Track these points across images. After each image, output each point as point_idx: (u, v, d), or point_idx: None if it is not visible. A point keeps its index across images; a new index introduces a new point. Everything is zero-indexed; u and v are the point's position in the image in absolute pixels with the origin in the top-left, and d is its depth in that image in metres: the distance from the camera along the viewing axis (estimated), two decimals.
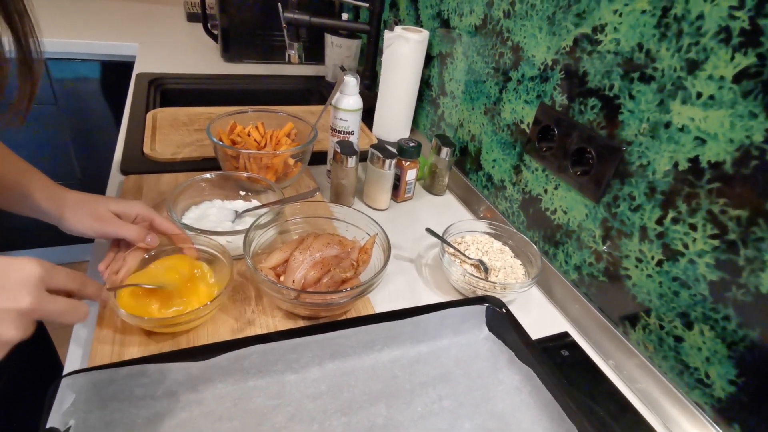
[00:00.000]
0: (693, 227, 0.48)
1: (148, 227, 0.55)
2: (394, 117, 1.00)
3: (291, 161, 0.75)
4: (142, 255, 0.54)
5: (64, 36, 1.31)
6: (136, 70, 1.19)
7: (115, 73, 1.39)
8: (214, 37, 1.40)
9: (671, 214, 0.50)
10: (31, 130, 1.40)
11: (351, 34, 1.24)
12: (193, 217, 0.64)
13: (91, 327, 0.50)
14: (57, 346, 0.80)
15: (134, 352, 0.47)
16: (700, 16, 0.45)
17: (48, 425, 0.36)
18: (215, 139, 0.71)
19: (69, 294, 0.39)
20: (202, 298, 0.51)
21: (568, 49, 0.61)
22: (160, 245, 0.55)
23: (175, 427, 0.41)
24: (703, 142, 0.46)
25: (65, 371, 0.43)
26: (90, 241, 0.54)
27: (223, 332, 0.51)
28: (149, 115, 0.94)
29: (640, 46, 0.51)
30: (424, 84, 1.01)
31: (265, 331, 0.52)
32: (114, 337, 0.48)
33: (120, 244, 0.55)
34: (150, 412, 0.41)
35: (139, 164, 0.79)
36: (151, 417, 0.41)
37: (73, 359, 0.48)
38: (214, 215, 0.65)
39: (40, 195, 0.51)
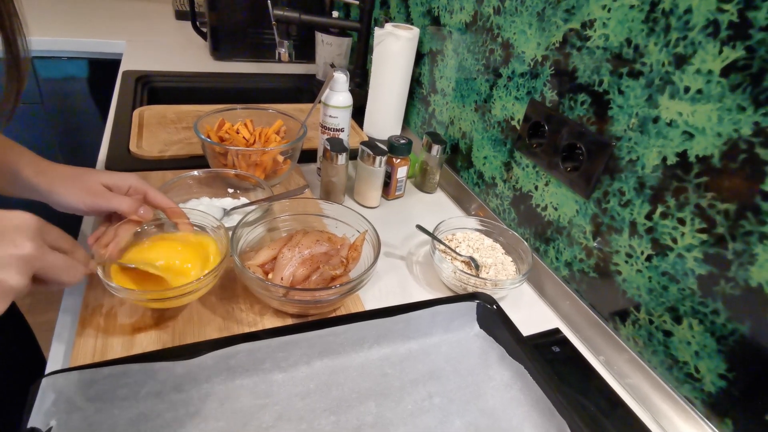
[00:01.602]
0: (681, 221, 0.48)
1: (141, 200, 0.53)
2: (385, 114, 0.99)
3: (280, 158, 0.75)
4: (135, 228, 0.52)
5: (51, 34, 1.29)
6: (122, 68, 1.18)
7: (103, 71, 1.37)
8: (203, 35, 1.38)
9: (660, 209, 0.50)
10: (16, 129, 1.37)
11: (341, 32, 1.23)
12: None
13: (73, 326, 0.49)
14: (43, 347, 0.79)
15: (117, 351, 0.46)
16: (688, 10, 0.45)
17: (29, 425, 0.35)
18: (203, 136, 0.70)
19: None
20: (197, 273, 0.50)
21: (557, 45, 0.61)
22: (153, 220, 0.54)
23: (160, 427, 0.40)
24: (691, 136, 0.46)
25: (47, 371, 0.42)
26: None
27: (210, 331, 0.50)
28: (136, 112, 0.93)
29: (629, 41, 0.51)
30: (415, 81, 1.01)
31: (252, 329, 0.51)
32: (97, 336, 0.47)
33: (112, 219, 0.53)
34: (133, 412, 0.40)
35: (124, 162, 0.78)
36: (134, 418, 0.40)
37: (55, 359, 0.47)
38: None
39: (28, 171, 0.49)
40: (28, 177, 0.49)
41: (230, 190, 0.70)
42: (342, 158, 0.72)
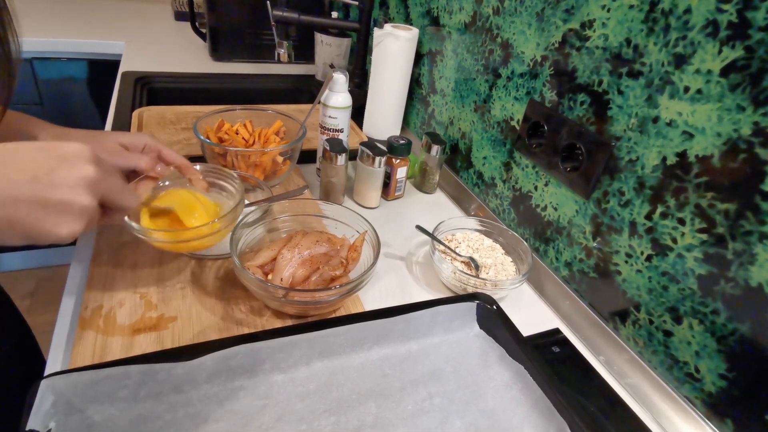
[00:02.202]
0: (681, 221, 0.48)
1: (156, 158, 0.54)
2: (384, 115, 0.99)
3: (280, 159, 0.75)
4: (153, 184, 0.53)
5: (50, 35, 1.29)
6: (122, 69, 1.18)
7: (102, 72, 1.36)
8: (203, 36, 1.38)
9: (660, 209, 0.50)
10: None
11: (341, 33, 1.23)
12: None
13: (72, 327, 0.49)
14: (42, 348, 0.78)
15: (117, 353, 0.46)
16: (688, 10, 0.45)
17: (28, 427, 0.35)
18: (202, 137, 0.70)
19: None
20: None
21: (557, 45, 0.61)
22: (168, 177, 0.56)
23: (159, 429, 0.40)
24: (691, 136, 0.46)
25: (46, 372, 0.42)
26: (73, 243, 0.53)
27: (210, 332, 0.50)
28: (135, 113, 0.93)
29: (628, 41, 0.51)
30: (414, 82, 1.01)
31: (252, 330, 0.51)
32: (96, 337, 0.47)
33: (129, 178, 0.53)
34: (133, 414, 0.40)
35: None
36: (134, 419, 0.40)
37: (54, 360, 0.46)
38: None
39: (45, 135, 0.50)
40: (46, 140, 0.48)
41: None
42: (341, 159, 0.72)
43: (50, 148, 0.32)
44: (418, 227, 0.68)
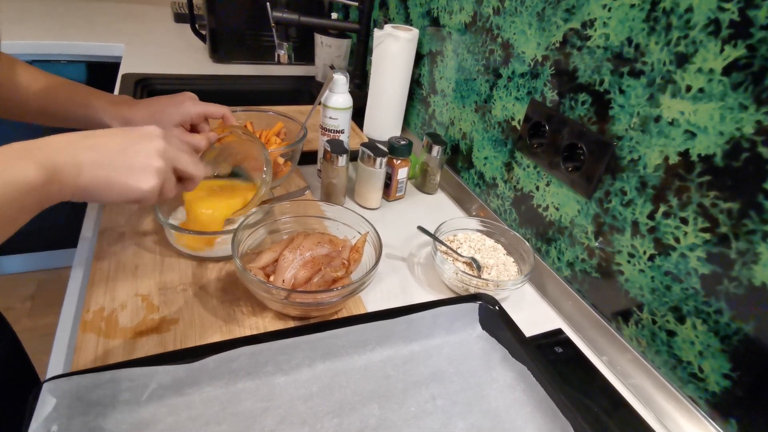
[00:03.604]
0: (684, 221, 0.48)
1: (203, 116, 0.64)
2: (385, 116, 0.99)
3: (281, 160, 0.74)
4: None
5: (50, 37, 1.29)
6: (122, 71, 1.18)
7: (102, 74, 1.36)
8: (202, 38, 1.38)
9: (662, 209, 0.50)
10: (15, 133, 1.37)
11: (341, 34, 1.23)
12: (180, 217, 0.63)
13: (74, 330, 0.49)
14: (34, 356, 0.77)
15: (119, 355, 0.46)
16: (689, 9, 0.45)
17: (30, 431, 0.35)
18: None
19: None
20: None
21: (557, 44, 0.61)
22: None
23: None
24: (693, 135, 0.46)
25: (48, 375, 0.42)
26: (74, 245, 0.53)
27: (212, 334, 0.50)
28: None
29: (630, 41, 0.51)
30: (415, 83, 1.01)
31: (254, 332, 0.51)
32: (98, 340, 0.47)
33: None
34: (135, 417, 0.40)
35: None
36: (136, 422, 0.40)
37: (55, 363, 0.46)
38: None
39: (110, 111, 0.61)
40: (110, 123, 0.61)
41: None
42: (342, 160, 0.72)
43: (133, 130, 0.42)
44: (420, 228, 0.68)
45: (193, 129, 0.65)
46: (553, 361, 0.56)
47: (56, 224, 1.65)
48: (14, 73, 0.57)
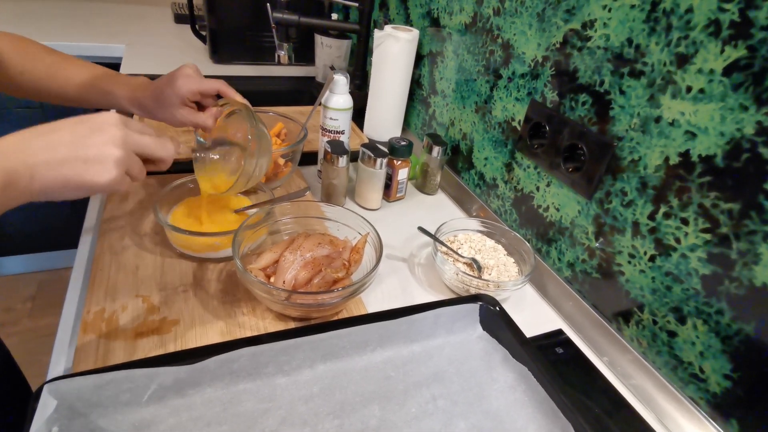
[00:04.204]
0: (685, 221, 0.48)
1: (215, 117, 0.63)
2: (385, 116, 0.99)
3: (281, 161, 0.75)
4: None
5: (49, 39, 1.29)
6: (122, 72, 1.18)
7: None
8: (203, 39, 1.38)
9: (663, 209, 0.50)
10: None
11: (341, 34, 1.23)
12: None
13: (75, 331, 0.49)
14: (34, 356, 0.77)
15: (120, 356, 0.46)
16: (689, 10, 0.45)
17: None
18: (201, 140, 0.70)
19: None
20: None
21: (558, 45, 0.61)
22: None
23: None
24: (694, 136, 0.46)
25: (48, 377, 0.42)
26: (74, 246, 0.53)
27: (212, 335, 0.50)
28: (136, 117, 0.93)
29: (630, 41, 0.51)
30: (415, 83, 1.01)
31: (255, 333, 0.51)
32: (99, 341, 0.47)
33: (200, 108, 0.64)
34: (136, 418, 0.40)
35: None
36: (137, 423, 0.40)
37: (56, 365, 0.46)
38: None
39: (123, 91, 0.61)
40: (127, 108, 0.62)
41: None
42: (343, 160, 0.72)
43: (85, 120, 0.39)
44: (420, 229, 0.68)
45: (201, 105, 0.64)
46: (553, 362, 0.56)
47: (57, 225, 1.65)
48: (61, 68, 0.61)
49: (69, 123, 0.39)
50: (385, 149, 0.75)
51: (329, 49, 1.24)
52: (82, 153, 0.38)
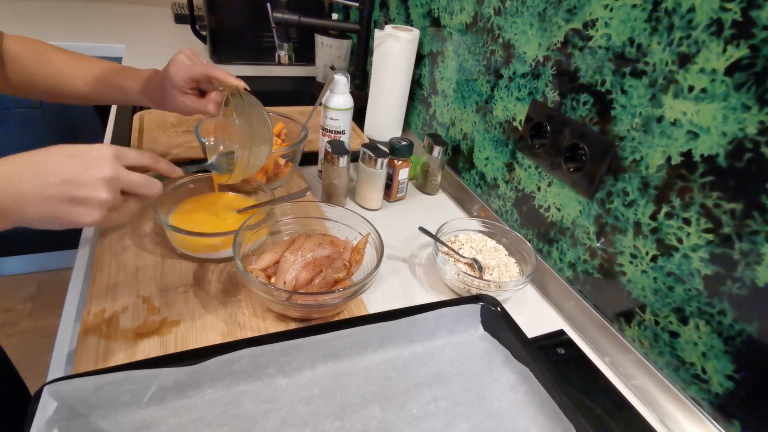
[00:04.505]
0: (687, 221, 0.48)
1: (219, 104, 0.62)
2: (386, 116, 0.99)
3: (281, 161, 0.74)
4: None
5: (49, 39, 1.28)
6: None
7: None
8: (203, 39, 1.38)
9: (665, 209, 0.50)
10: (15, 134, 1.37)
11: (341, 34, 1.23)
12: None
13: (75, 332, 0.49)
14: (34, 357, 0.77)
15: (120, 357, 0.46)
16: (691, 9, 0.45)
17: None
18: (203, 140, 0.70)
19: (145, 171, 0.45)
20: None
21: (559, 45, 0.61)
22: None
23: None
24: (696, 135, 0.46)
25: (49, 378, 0.42)
26: (74, 246, 0.53)
27: (213, 336, 0.50)
28: (136, 116, 0.93)
29: (632, 41, 0.51)
30: (415, 83, 1.01)
31: (255, 334, 0.51)
32: (99, 342, 0.47)
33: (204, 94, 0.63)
34: (136, 419, 0.40)
35: None
36: (137, 424, 0.40)
37: (56, 366, 0.46)
38: None
39: (133, 85, 0.63)
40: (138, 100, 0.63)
41: (231, 194, 0.70)
42: (343, 161, 0.72)
43: (78, 154, 0.39)
44: (421, 229, 0.68)
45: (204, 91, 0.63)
46: (555, 362, 0.56)
47: None
48: (73, 66, 0.63)
49: (63, 154, 0.39)
50: (386, 149, 0.75)
51: (329, 49, 1.24)
52: (71, 193, 0.38)
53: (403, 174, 0.80)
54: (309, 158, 0.88)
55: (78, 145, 0.40)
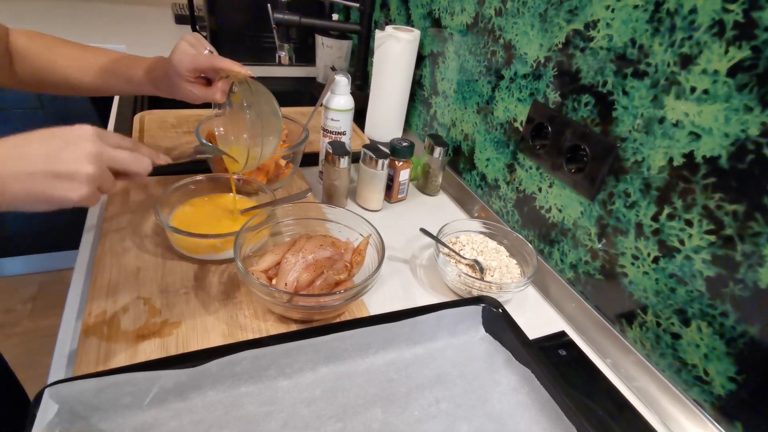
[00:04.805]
0: (689, 223, 0.47)
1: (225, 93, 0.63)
2: (386, 117, 0.99)
3: (282, 162, 0.74)
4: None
5: None
6: None
7: None
8: None
9: (667, 211, 0.50)
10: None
11: (342, 35, 1.23)
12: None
13: (75, 334, 0.49)
14: (35, 357, 0.77)
15: (121, 359, 0.46)
16: (693, 10, 0.45)
17: None
18: (204, 141, 0.70)
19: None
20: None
21: (560, 46, 0.61)
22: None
23: None
24: (698, 137, 0.46)
25: (49, 380, 0.42)
26: (75, 247, 0.53)
27: (214, 338, 0.50)
28: (137, 117, 0.93)
29: (633, 42, 0.51)
30: (416, 84, 1.01)
31: (257, 335, 0.51)
32: (100, 344, 0.47)
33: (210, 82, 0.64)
34: (138, 421, 0.40)
35: None
36: (138, 426, 0.40)
37: (57, 368, 0.46)
38: None
39: (140, 72, 0.64)
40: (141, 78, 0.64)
41: (231, 195, 0.69)
42: (344, 161, 0.72)
43: (60, 134, 0.39)
44: (422, 230, 0.67)
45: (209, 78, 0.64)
46: (556, 364, 0.56)
47: (58, 226, 1.65)
48: (80, 57, 0.62)
49: (43, 135, 0.39)
50: (387, 150, 0.75)
51: (330, 50, 1.24)
52: (53, 168, 0.37)
53: (404, 175, 0.80)
54: (310, 159, 0.88)
55: (59, 127, 0.40)
